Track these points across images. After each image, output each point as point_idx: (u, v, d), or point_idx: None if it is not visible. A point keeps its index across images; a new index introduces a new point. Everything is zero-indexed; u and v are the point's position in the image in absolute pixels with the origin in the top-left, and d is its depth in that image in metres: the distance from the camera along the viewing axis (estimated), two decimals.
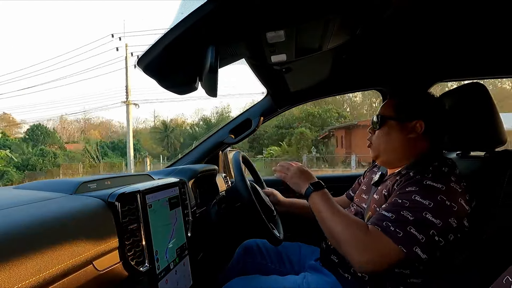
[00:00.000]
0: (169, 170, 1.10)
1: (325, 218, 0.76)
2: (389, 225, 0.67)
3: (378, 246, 0.66)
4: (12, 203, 0.52)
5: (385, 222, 0.68)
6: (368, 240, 0.68)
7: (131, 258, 0.61)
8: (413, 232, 0.65)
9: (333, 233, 0.74)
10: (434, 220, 0.65)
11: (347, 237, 0.70)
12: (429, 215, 0.66)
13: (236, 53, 0.76)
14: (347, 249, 0.69)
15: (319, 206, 0.79)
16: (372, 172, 1.04)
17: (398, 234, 0.65)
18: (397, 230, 0.66)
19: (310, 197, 0.82)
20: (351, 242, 0.69)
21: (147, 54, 0.57)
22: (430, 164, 0.77)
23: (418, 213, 0.66)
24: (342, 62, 1.08)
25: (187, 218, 0.89)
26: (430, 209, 0.66)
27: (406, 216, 0.67)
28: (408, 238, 0.65)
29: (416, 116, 0.83)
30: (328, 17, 0.64)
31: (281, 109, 1.47)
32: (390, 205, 0.72)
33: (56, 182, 0.70)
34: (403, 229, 0.66)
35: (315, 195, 0.81)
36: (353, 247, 0.68)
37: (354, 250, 0.68)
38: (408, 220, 0.66)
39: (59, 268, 0.45)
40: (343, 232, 0.71)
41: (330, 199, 0.80)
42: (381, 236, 0.67)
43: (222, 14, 0.53)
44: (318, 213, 0.79)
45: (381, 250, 0.66)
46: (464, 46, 1.03)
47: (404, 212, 0.67)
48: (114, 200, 0.61)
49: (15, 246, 0.41)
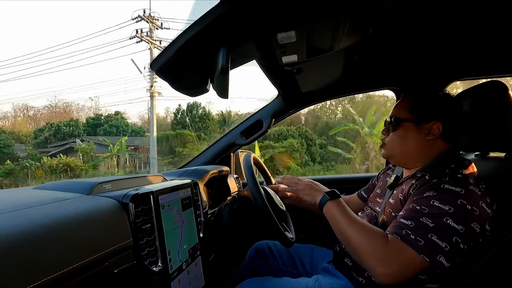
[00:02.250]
0: (182, 171, 1.11)
1: (342, 227, 0.74)
2: (409, 233, 0.64)
3: (399, 257, 0.64)
4: (31, 202, 0.54)
5: (405, 230, 0.65)
6: (388, 251, 0.65)
7: (144, 258, 0.62)
8: (435, 240, 0.62)
9: (351, 243, 0.72)
10: (456, 226, 0.62)
11: (367, 248, 0.68)
12: (450, 221, 0.63)
13: (247, 54, 0.76)
14: (368, 260, 0.67)
15: (335, 215, 0.77)
16: (387, 175, 1.01)
17: (419, 242, 0.63)
18: (418, 238, 0.63)
19: (325, 205, 0.81)
20: (372, 253, 0.66)
21: (160, 57, 0.58)
22: (447, 166, 0.74)
23: (438, 220, 0.64)
24: (354, 62, 1.07)
25: (199, 219, 0.90)
26: (451, 214, 0.63)
27: (426, 223, 0.64)
28: (430, 246, 0.62)
29: (433, 117, 0.80)
30: (339, 17, 0.64)
31: (292, 110, 1.46)
32: (408, 212, 0.69)
33: (73, 182, 0.72)
34: (424, 237, 0.63)
35: (331, 204, 0.80)
36: (374, 258, 0.66)
37: (374, 262, 0.66)
38: (429, 228, 0.63)
39: (75, 267, 0.46)
40: (362, 242, 0.69)
41: (346, 207, 0.78)
42: (401, 246, 0.64)
43: (233, 16, 0.53)
44: (334, 222, 0.77)
45: (403, 261, 0.64)
46: (482, 42, 0.99)
47: (423, 219, 0.65)
48: (128, 200, 0.62)
49: (33, 244, 0.42)
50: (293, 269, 1.06)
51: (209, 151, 1.49)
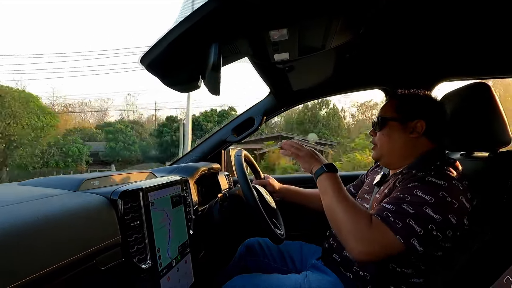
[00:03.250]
0: (172, 168, 1.10)
1: (332, 201, 0.75)
2: (389, 215, 0.67)
3: (377, 236, 0.67)
4: (16, 199, 0.52)
5: (385, 212, 0.68)
6: (370, 232, 0.67)
7: (133, 255, 0.61)
8: (411, 224, 0.65)
9: (336, 218, 0.73)
10: (434, 216, 0.65)
11: (350, 227, 0.69)
12: (429, 210, 0.66)
13: (239, 51, 0.76)
14: (348, 237, 0.69)
15: (327, 188, 0.78)
16: (375, 173, 1.04)
17: (397, 224, 0.66)
18: (397, 221, 0.66)
19: (320, 177, 0.80)
20: (354, 233, 0.68)
21: (150, 51, 0.57)
22: (432, 163, 0.77)
23: (418, 207, 0.66)
24: (346, 61, 1.08)
25: (189, 216, 0.89)
26: (431, 204, 0.66)
27: (407, 209, 0.67)
28: (406, 229, 0.65)
29: (417, 116, 0.83)
30: (331, 15, 0.64)
31: (283, 108, 1.47)
32: (392, 199, 0.72)
33: (59, 178, 0.70)
34: (402, 220, 0.66)
35: (326, 176, 0.80)
36: (355, 238, 0.68)
37: (355, 241, 0.68)
38: (408, 213, 0.66)
39: (62, 264, 0.45)
40: (347, 220, 0.70)
41: (340, 183, 0.79)
42: (381, 226, 0.67)
43: (225, 12, 0.53)
44: (325, 195, 0.78)
45: (380, 240, 0.66)
46: (469, 45, 1.02)
47: (404, 205, 0.68)
48: (117, 197, 0.62)
49: (19, 241, 0.41)
50: (283, 266, 1.07)
51: (200, 148, 1.48)
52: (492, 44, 0.99)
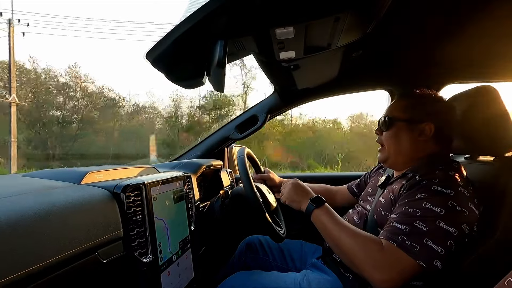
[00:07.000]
0: (175, 163, 1.11)
1: (334, 235, 0.74)
2: (405, 239, 0.65)
3: (396, 264, 0.64)
4: (19, 190, 0.53)
5: (400, 236, 0.66)
6: (385, 258, 0.65)
7: (134, 249, 0.62)
8: (430, 245, 0.63)
9: (344, 251, 0.71)
10: (449, 229, 0.64)
11: (362, 255, 0.67)
12: (442, 224, 0.64)
13: (244, 48, 0.76)
14: (364, 267, 0.67)
15: (325, 223, 0.77)
16: (378, 174, 1.03)
17: (415, 248, 0.63)
18: (414, 244, 0.64)
19: (313, 214, 0.79)
20: (367, 260, 0.66)
21: (156, 47, 0.57)
22: (437, 167, 0.76)
23: (431, 223, 0.65)
24: (351, 61, 1.07)
25: (191, 212, 0.90)
26: (442, 216, 0.65)
27: (420, 227, 0.65)
28: (426, 252, 0.63)
29: (427, 119, 0.82)
30: (338, 14, 0.64)
31: (287, 106, 1.46)
32: (401, 216, 0.69)
33: (63, 171, 0.71)
34: (419, 242, 0.64)
35: (319, 212, 0.79)
36: (370, 266, 0.66)
37: (371, 269, 0.65)
38: (423, 232, 0.64)
39: (64, 256, 0.46)
40: (356, 249, 0.68)
41: (334, 214, 0.78)
42: (397, 252, 0.64)
43: (231, 9, 0.52)
44: (324, 230, 0.77)
45: (400, 267, 0.64)
46: (477, 48, 1.01)
47: (417, 223, 0.66)
48: (120, 191, 0.62)
49: (21, 232, 0.42)
50: (282, 264, 1.07)
51: (203, 144, 1.48)
52: (501, 48, 0.98)
